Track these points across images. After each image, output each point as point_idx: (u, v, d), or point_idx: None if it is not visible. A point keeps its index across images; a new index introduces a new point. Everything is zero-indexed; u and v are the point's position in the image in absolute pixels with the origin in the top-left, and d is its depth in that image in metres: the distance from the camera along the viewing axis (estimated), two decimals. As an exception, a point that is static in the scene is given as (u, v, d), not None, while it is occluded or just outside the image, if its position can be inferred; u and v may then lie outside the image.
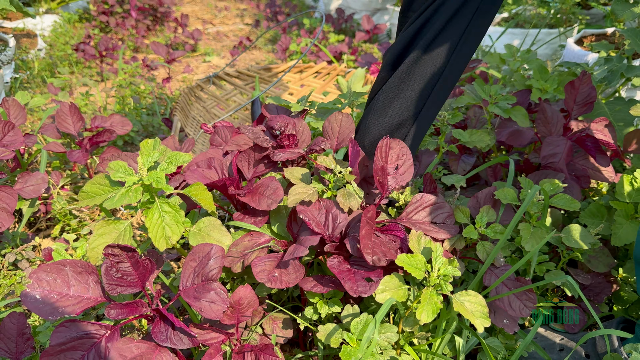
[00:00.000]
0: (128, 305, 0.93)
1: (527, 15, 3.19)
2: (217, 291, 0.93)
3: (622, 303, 1.24)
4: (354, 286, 0.94)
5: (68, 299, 0.90)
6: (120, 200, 0.96)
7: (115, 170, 0.98)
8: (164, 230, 0.98)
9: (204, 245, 0.96)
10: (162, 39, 3.86)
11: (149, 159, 1.01)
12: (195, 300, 0.92)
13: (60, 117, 1.72)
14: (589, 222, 1.26)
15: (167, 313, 0.92)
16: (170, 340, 0.91)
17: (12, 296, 1.40)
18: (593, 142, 1.33)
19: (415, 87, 1.14)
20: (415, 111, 1.16)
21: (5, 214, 1.32)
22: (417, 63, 1.12)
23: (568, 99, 1.41)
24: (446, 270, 0.92)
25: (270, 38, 4.12)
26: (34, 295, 0.87)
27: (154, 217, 0.99)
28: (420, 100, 1.15)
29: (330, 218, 1.03)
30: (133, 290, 0.94)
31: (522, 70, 1.74)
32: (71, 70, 3.19)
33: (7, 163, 1.65)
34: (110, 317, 0.90)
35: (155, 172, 0.98)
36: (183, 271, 0.96)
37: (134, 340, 0.89)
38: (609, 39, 2.25)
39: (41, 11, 3.77)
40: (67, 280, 0.91)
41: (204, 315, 0.91)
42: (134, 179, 0.97)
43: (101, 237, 1.01)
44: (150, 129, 2.45)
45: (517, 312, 1.05)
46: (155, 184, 0.96)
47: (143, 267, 0.94)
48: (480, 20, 1.13)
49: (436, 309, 0.89)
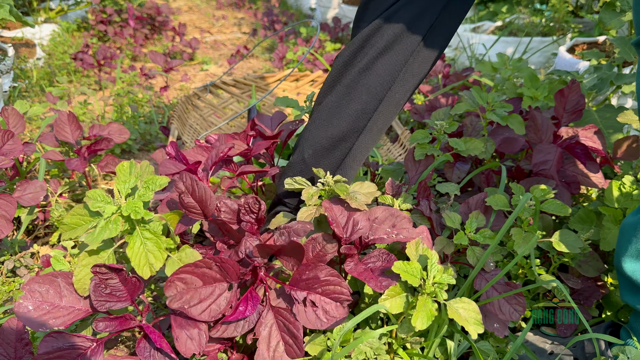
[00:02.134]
0: (117, 319, 0.94)
1: (521, 24, 3.23)
2: (200, 332, 0.93)
3: (612, 307, 1.26)
4: (378, 284, 0.97)
5: (60, 310, 0.91)
6: (100, 234, 0.94)
7: (93, 200, 0.97)
8: (147, 258, 0.97)
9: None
10: (159, 48, 3.90)
11: (126, 185, 0.99)
12: (180, 328, 0.92)
13: (59, 125, 1.75)
14: (579, 227, 1.28)
15: (150, 331, 0.92)
16: (153, 358, 0.91)
17: (11, 302, 1.41)
18: (583, 149, 1.35)
19: (361, 99, 1.08)
20: (360, 124, 1.11)
21: (4, 222, 1.33)
22: (364, 74, 1.08)
23: (558, 106, 1.44)
24: (441, 278, 0.94)
25: (267, 47, 4.16)
26: (27, 305, 0.89)
27: (136, 245, 0.97)
28: (366, 114, 1.10)
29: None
30: (123, 304, 0.95)
31: (513, 78, 1.77)
32: (69, 79, 3.22)
33: (6, 171, 1.67)
34: (99, 329, 0.91)
35: (133, 202, 0.96)
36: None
37: (118, 357, 0.91)
38: (600, 47, 2.28)
39: (40, 20, 3.80)
40: (59, 291, 0.92)
41: (176, 346, 0.91)
42: (112, 209, 0.95)
43: (85, 267, 1.00)
44: (148, 137, 2.47)
45: (507, 315, 1.07)
46: (134, 214, 0.94)
47: (132, 284, 0.95)
48: (435, 37, 1.07)
49: (431, 315, 0.91)
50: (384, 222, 1.08)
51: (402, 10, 1.04)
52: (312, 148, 1.13)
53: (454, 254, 1.19)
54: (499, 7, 3.53)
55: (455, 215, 1.15)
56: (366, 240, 1.06)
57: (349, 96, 1.08)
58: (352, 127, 1.10)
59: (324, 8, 4.64)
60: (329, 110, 1.11)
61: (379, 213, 1.09)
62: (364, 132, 1.11)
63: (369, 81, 1.07)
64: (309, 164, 1.15)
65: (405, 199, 1.23)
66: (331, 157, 1.15)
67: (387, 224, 1.08)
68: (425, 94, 2.38)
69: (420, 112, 2.09)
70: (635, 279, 1.00)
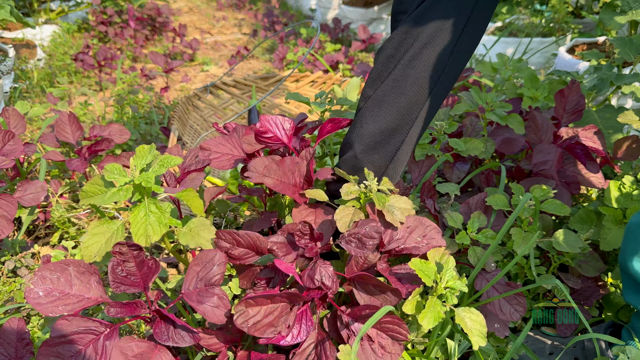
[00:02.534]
0: (128, 305, 0.96)
1: (521, 25, 3.24)
2: (219, 296, 0.96)
3: (612, 307, 1.27)
4: (404, 289, 0.99)
5: (70, 297, 0.92)
6: (110, 197, 1.01)
7: (109, 172, 1.02)
8: (146, 229, 1.01)
9: (208, 252, 0.99)
10: (160, 49, 3.90)
11: (142, 161, 1.05)
12: (199, 303, 0.95)
13: (59, 126, 1.75)
14: (579, 227, 1.29)
15: (168, 313, 0.95)
16: (172, 339, 0.93)
17: (12, 303, 1.41)
18: (583, 149, 1.35)
19: (411, 91, 1.08)
20: (412, 117, 1.11)
21: (5, 222, 1.34)
22: (411, 66, 1.07)
23: (558, 106, 1.44)
24: (454, 284, 0.95)
25: (267, 47, 4.16)
26: (37, 292, 0.90)
27: (140, 214, 1.02)
28: (417, 105, 1.10)
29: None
30: (135, 289, 0.97)
31: (513, 78, 1.77)
32: (70, 80, 3.22)
33: (6, 172, 1.68)
34: (110, 314, 0.93)
35: (146, 174, 1.01)
36: (187, 275, 0.99)
37: (135, 339, 0.91)
38: (600, 47, 2.28)
39: (40, 22, 3.80)
40: (69, 279, 0.94)
41: (207, 319, 0.94)
42: (125, 179, 1.01)
43: (95, 236, 1.04)
44: (149, 137, 2.47)
45: (507, 315, 1.07)
46: (145, 183, 1.00)
47: (147, 268, 0.97)
48: (475, 23, 1.07)
49: (438, 317, 0.92)
50: (414, 231, 1.08)
51: (441, 2, 1.04)
52: (364, 143, 1.12)
53: (455, 253, 1.19)
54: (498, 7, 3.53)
55: (458, 215, 1.16)
56: (397, 249, 1.06)
57: (398, 89, 1.08)
58: (403, 119, 1.10)
59: (324, 9, 4.64)
60: (379, 104, 1.10)
61: (410, 222, 1.08)
62: (415, 124, 1.11)
63: (418, 73, 1.07)
64: (361, 159, 1.13)
65: (414, 200, 1.23)
66: (383, 151, 1.13)
67: (418, 233, 1.08)
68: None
69: (420, 113, 2.08)
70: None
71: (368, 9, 4.26)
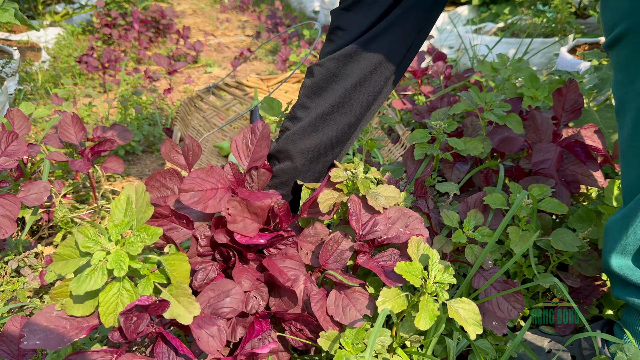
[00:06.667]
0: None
1: (523, 25, 3.24)
2: (220, 328, 0.94)
3: (612, 305, 1.27)
4: (388, 280, 1.00)
5: (74, 322, 0.92)
6: (83, 284, 0.89)
7: (84, 238, 0.92)
8: (116, 308, 0.92)
9: (227, 282, 0.98)
10: (164, 51, 3.92)
11: (118, 230, 0.93)
12: (198, 327, 0.93)
13: (63, 127, 1.76)
14: (578, 226, 1.29)
15: (170, 337, 0.93)
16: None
17: (15, 302, 1.43)
18: (582, 148, 1.36)
19: (354, 113, 1.18)
20: (350, 132, 1.21)
21: (8, 222, 1.35)
22: (357, 90, 1.16)
23: (557, 105, 1.45)
24: (442, 278, 0.94)
25: (270, 49, 4.18)
26: (35, 342, 0.88)
27: (111, 292, 0.92)
28: (356, 124, 1.20)
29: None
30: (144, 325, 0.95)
31: (513, 78, 1.78)
32: (74, 82, 3.24)
33: (10, 172, 1.69)
34: (114, 339, 0.92)
35: (119, 255, 0.90)
36: (200, 296, 0.97)
37: (137, 356, 0.91)
38: (601, 47, 2.28)
39: (45, 24, 3.84)
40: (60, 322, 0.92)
41: (199, 345, 0.91)
42: (100, 255, 0.90)
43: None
44: (152, 138, 2.49)
45: (505, 313, 1.07)
46: (117, 271, 0.88)
47: (154, 305, 0.94)
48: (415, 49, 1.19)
49: (433, 316, 0.92)
50: (396, 222, 1.09)
51: (387, 33, 1.13)
52: (306, 157, 1.19)
53: (453, 252, 1.20)
54: (501, 8, 3.53)
55: (453, 214, 1.16)
56: (380, 240, 1.07)
57: (343, 110, 1.17)
58: (345, 135, 1.20)
59: (327, 11, 4.66)
60: (323, 121, 1.18)
61: (392, 213, 1.10)
62: (353, 135, 1.22)
63: (362, 97, 1.17)
64: (302, 170, 1.20)
65: (406, 197, 1.23)
66: (324, 160, 1.21)
67: (400, 223, 1.09)
68: (427, 95, 2.39)
69: (421, 113, 2.09)
70: (622, 274, 1.01)
71: (371, 10, 4.27)
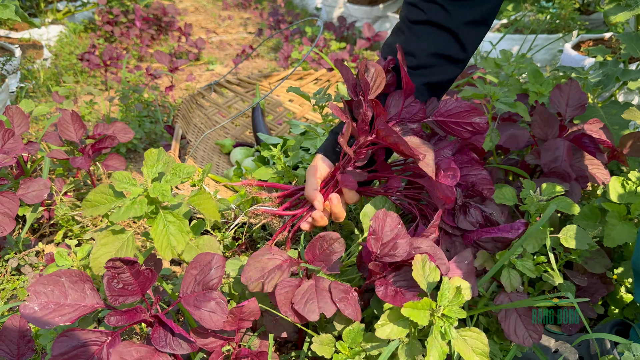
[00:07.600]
0: (127, 312, 0.94)
1: (527, 21, 3.21)
2: (217, 301, 0.94)
3: (618, 304, 1.25)
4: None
5: (65, 308, 0.91)
6: (125, 213, 0.97)
7: (119, 181, 1.00)
8: (169, 240, 0.99)
9: (205, 255, 0.97)
10: (165, 48, 3.91)
11: (154, 169, 1.02)
12: (196, 308, 0.93)
13: (62, 125, 1.75)
14: (584, 224, 1.27)
15: (166, 319, 0.93)
16: (169, 346, 0.92)
17: (15, 300, 1.42)
18: (591, 140, 1.33)
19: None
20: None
21: (7, 219, 1.34)
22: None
23: (561, 101, 1.43)
24: (450, 312, 0.87)
25: (272, 46, 4.16)
26: (33, 307, 0.89)
27: (159, 227, 1.00)
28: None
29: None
30: (134, 298, 0.95)
31: (517, 74, 1.76)
32: (76, 80, 3.23)
33: (11, 170, 1.68)
34: (110, 324, 0.91)
35: (161, 185, 0.98)
36: (184, 278, 0.97)
37: (134, 344, 0.90)
38: (606, 43, 2.26)
39: (47, 22, 3.82)
40: (63, 290, 0.92)
41: (204, 325, 0.92)
42: (138, 191, 0.98)
43: (104, 246, 1.02)
44: (153, 136, 2.48)
45: (520, 339, 1.04)
46: (162, 197, 0.97)
47: (144, 277, 0.95)
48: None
49: (443, 353, 0.86)
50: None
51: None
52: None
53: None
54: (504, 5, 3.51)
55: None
56: (394, 261, 0.99)
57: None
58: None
59: (330, 7, 4.64)
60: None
61: (423, 245, 1.00)
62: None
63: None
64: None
65: None
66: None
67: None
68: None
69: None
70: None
71: (373, 7, 4.25)
